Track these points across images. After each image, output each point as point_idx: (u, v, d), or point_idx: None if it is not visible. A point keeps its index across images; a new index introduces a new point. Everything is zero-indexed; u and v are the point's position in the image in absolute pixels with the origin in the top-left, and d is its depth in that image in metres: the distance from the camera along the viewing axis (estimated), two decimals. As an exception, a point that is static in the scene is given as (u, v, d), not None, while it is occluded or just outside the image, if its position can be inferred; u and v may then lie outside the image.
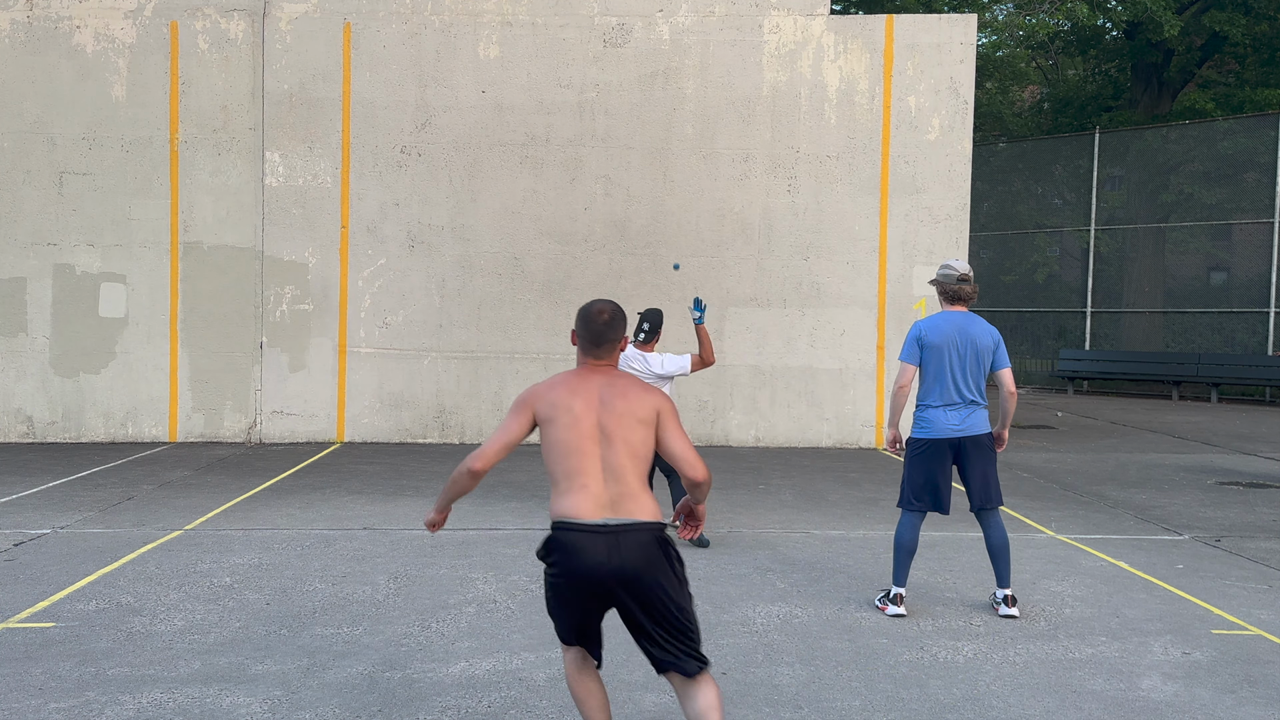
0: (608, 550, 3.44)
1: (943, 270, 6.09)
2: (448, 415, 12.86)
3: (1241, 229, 24.10)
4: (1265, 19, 22.60)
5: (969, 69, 12.80)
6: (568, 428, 3.53)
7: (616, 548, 3.44)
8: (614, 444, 3.51)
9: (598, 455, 3.51)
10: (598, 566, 3.44)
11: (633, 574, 3.46)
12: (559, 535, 3.50)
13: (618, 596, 3.51)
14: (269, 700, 4.55)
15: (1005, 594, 5.97)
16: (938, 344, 5.90)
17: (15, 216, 12.64)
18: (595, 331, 3.66)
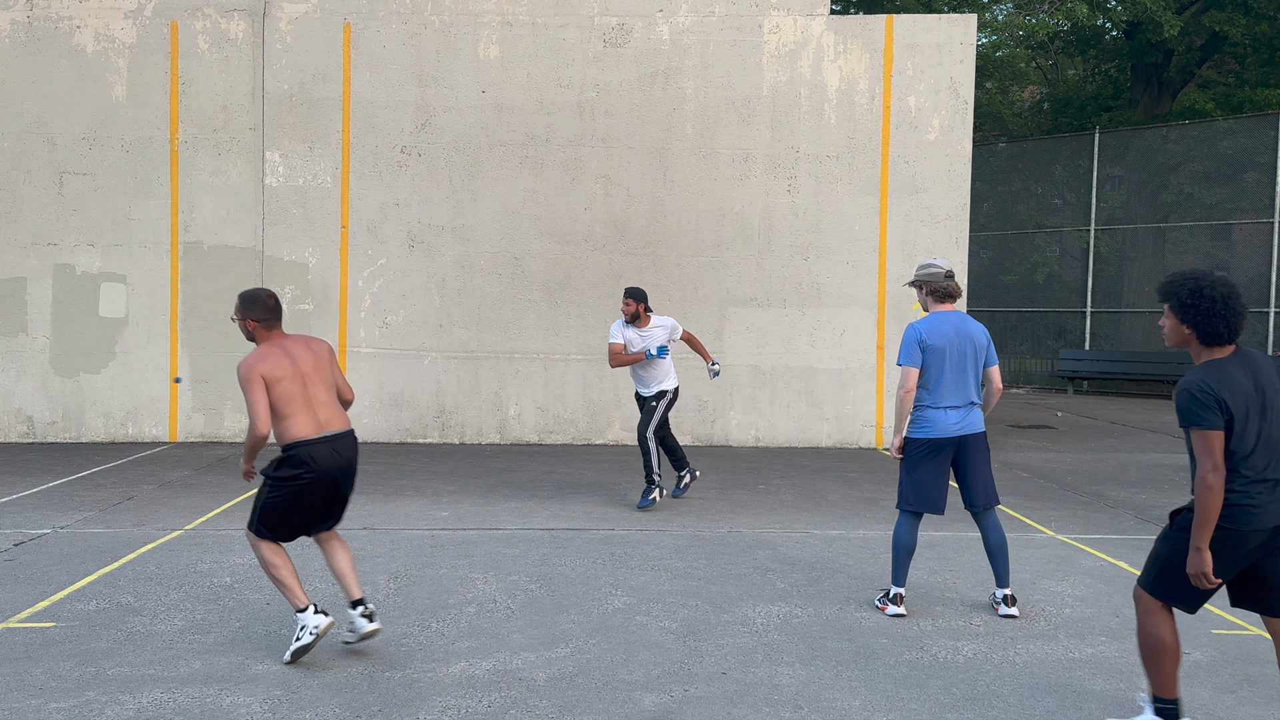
0: (334, 452, 5.09)
1: (928, 270, 6.03)
2: (448, 415, 12.86)
3: (1241, 229, 24.11)
4: (1265, 19, 22.59)
5: (969, 69, 12.80)
6: (290, 380, 5.04)
7: (339, 450, 5.11)
8: (316, 384, 5.11)
9: (309, 393, 5.08)
10: (333, 465, 5.08)
11: (351, 464, 5.19)
12: (299, 451, 5.07)
13: (340, 486, 5.15)
14: (269, 700, 4.56)
15: (1005, 594, 5.97)
16: (939, 346, 5.88)
17: (15, 216, 12.64)
18: (274, 309, 5.16)
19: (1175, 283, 4.04)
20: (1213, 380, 3.87)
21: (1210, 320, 3.94)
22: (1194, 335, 3.98)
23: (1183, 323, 4.00)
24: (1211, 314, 3.93)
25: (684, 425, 12.86)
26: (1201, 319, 3.95)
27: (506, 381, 12.86)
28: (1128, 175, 24.39)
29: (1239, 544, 3.89)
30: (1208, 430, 3.83)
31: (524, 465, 11.23)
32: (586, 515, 8.61)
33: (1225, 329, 3.94)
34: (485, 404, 12.89)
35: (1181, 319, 4.00)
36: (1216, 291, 3.94)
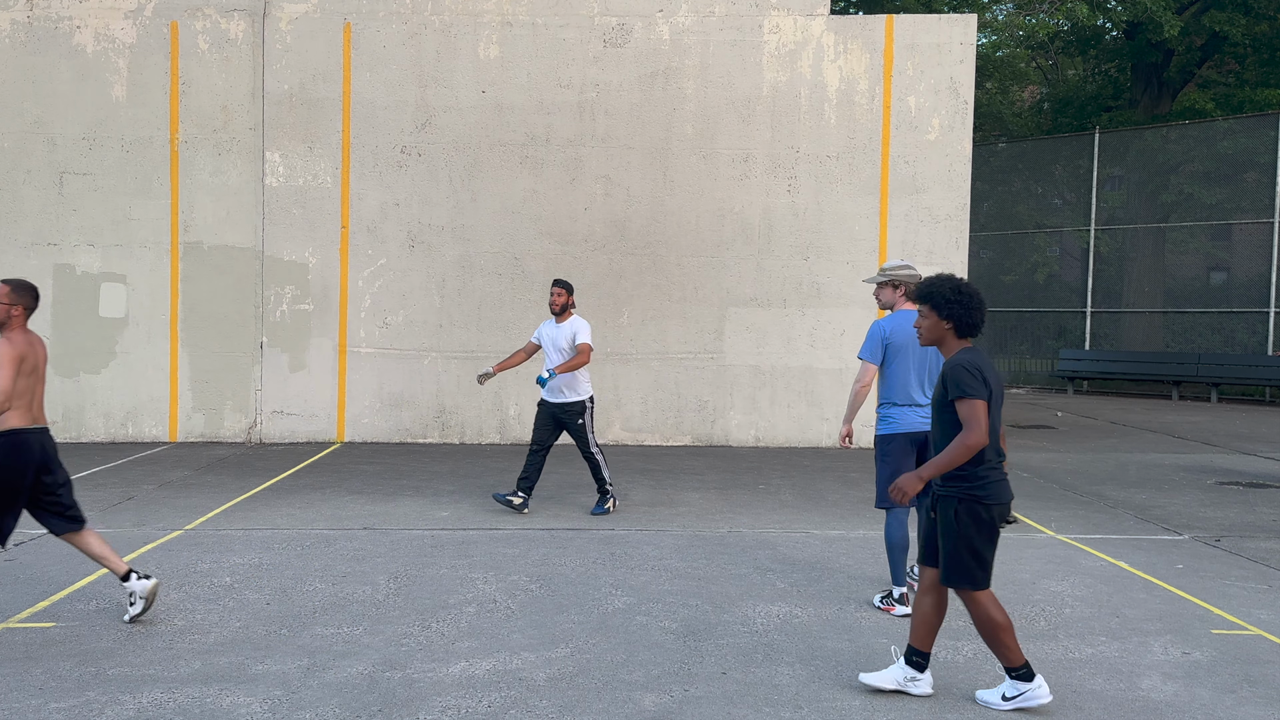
0: (42, 445, 5.43)
1: (909, 272, 6.24)
2: (448, 415, 12.86)
3: (1241, 229, 24.12)
4: (1265, 19, 22.60)
5: (969, 69, 12.80)
6: (34, 371, 5.43)
7: (45, 444, 5.46)
8: (39, 382, 5.48)
9: (35, 390, 5.46)
10: (40, 456, 5.42)
11: (55, 458, 5.52)
12: (13, 438, 5.32)
13: (43, 477, 5.47)
14: (269, 700, 4.56)
15: (903, 591, 5.98)
16: (903, 344, 6.03)
17: (15, 216, 12.64)
18: (37, 302, 5.62)
19: (934, 284, 4.56)
20: (979, 360, 4.44)
21: (970, 313, 4.48)
22: (953, 328, 4.52)
23: (943, 318, 4.51)
24: (970, 308, 4.48)
25: (684, 425, 12.86)
26: (963, 312, 4.48)
27: (506, 381, 12.85)
28: (1128, 175, 24.39)
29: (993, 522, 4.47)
30: (978, 400, 4.36)
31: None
32: (586, 515, 8.61)
33: (980, 321, 4.50)
34: (485, 404, 12.89)
35: (942, 315, 4.51)
36: (970, 289, 4.52)
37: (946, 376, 4.43)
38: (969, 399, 4.36)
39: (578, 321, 8.50)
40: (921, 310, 4.55)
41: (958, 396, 4.38)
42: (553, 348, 8.50)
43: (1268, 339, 20.05)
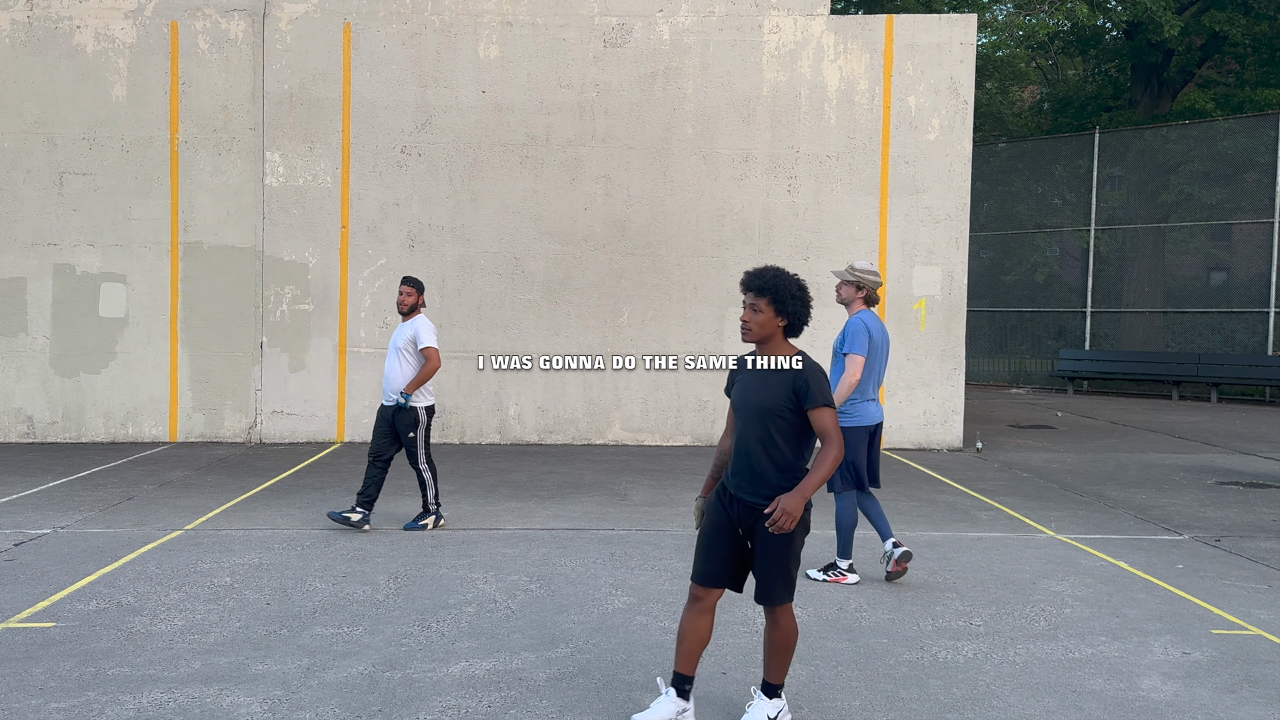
0: None
1: (871, 274, 6.62)
2: (448, 415, 12.86)
3: (1241, 229, 24.12)
4: (1265, 19, 22.60)
5: (969, 69, 12.80)
6: None
7: None
8: None
9: None
10: None
11: None
12: None
13: None
14: (269, 700, 4.56)
15: (850, 562, 6.64)
16: (879, 342, 6.54)
17: (15, 216, 12.64)
18: None
19: (778, 277, 4.15)
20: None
21: (806, 313, 4.20)
22: (785, 326, 4.18)
23: (780, 315, 4.14)
24: (808, 307, 4.21)
25: (684, 425, 12.86)
26: (802, 310, 4.17)
27: (506, 381, 12.86)
28: (1128, 175, 24.39)
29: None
30: (833, 408, 4.11)
31: (524, 465, 11.23)
32: (586, 515, 8.60)
33: (807, 321, 4.24)
34: (485, 404, 12.89)
35: (780, 311, 4.14)
36: (807, 288, 4.23)
37: (802, 382, 4.07)
38: (830, 408, 4.06)
39: (421, 322, 7.92)
40: (754, 303, 4.14)
41: (823, 404, 4.05)
42: (393, 347, 7.93)
43: (1268, 339, 20.04)
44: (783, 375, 4.11)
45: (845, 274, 6.68)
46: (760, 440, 4.09)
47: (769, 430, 4.08)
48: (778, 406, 4.07)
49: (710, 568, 4.17)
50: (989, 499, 9.53)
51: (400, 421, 7.84)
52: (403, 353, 7.87)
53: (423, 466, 7.86)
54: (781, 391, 4.09)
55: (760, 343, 4.19)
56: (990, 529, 8.27)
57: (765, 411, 4.08)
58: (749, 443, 4.11)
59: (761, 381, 4.15)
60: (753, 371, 4.22)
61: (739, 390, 4.24)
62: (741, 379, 4.26)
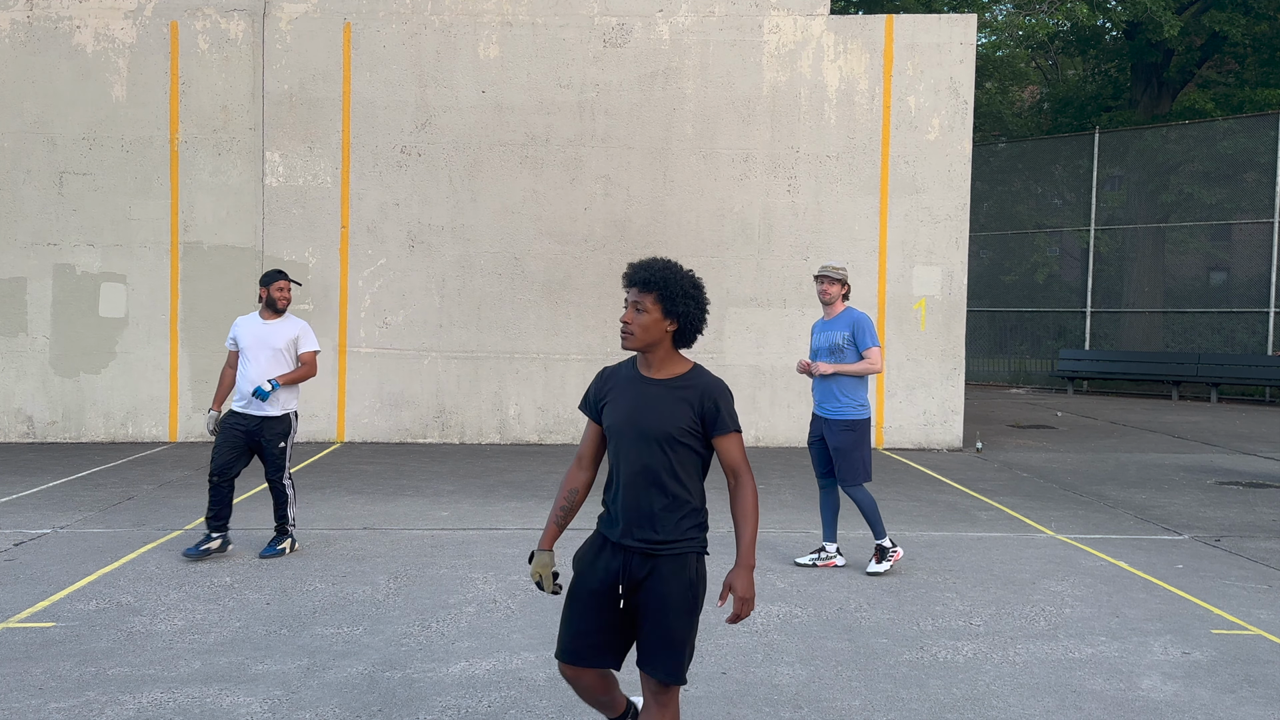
0: None
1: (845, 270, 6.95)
2: (448, 415, 12.86)
3: (1241, 229, 24.12)
4: (1265, 19, 22.61)
5: (969, 69, 12.80)
6: None
7: None
8: None
9: None
10: None
11: None
12: None
13: None
14: (269, 700, 4.56)
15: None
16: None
17: (15, 216, 12.64)
18: None
19: (665, 269, 3.30)
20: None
21: (701, 317, 3.32)
22: (674, 332, 3.31)
23: (668, 316, 3.28)
24: (703, 310, 3.33)
25: (684, 425, 12.85)
26: (696, 314, 3.31)
27: (506, 382, 12.86)
28: (1128, 175, 24.40)
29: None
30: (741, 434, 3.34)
31: (524, 465, 11.23)
32: (586, 515, 8.60)
33: (701, 329, 3.38)
34: (485, 404, 12.89)
35: (669, 311, 3.28)
36: (702, 288, 3.35)
37: (711, 403, 3.27)
38: (740, 433, 3.32)
39: (298, 322, 7.13)
40: (638, 301, 3.27)
41: (734, 430, 3.27)
42: (262, 347, 6.96)
43: (1268, 339, 20.05)
44: (684, 393, 3.27)
45: (831, 273, 6.83)
46: (655, 473, 3.26)
47: (669, 460, 3.26)
48: (680, 431, 3.25)
49: (582, 642, 3.32)
50: (989, 499, 9.53)
51: (269, 430, 6.95)
52: (282, 354, 6.99)
53: (286, 482, 7.07)
54: (683, 413, 3.26)
55: (643, 350, 3.32)
56: (990, 529, 8.27)
57: (665, 438, 3.24)
58: (638, 477, 3.27)
59: (654, 400, 3.28)
60: (637, 386, 3.34)
61: (620, 411, 3.33)
62: (619, 396, 3.36)
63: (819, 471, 6.99)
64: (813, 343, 7.02)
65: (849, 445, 6.75)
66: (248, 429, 6.94)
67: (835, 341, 6.79)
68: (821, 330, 6.95)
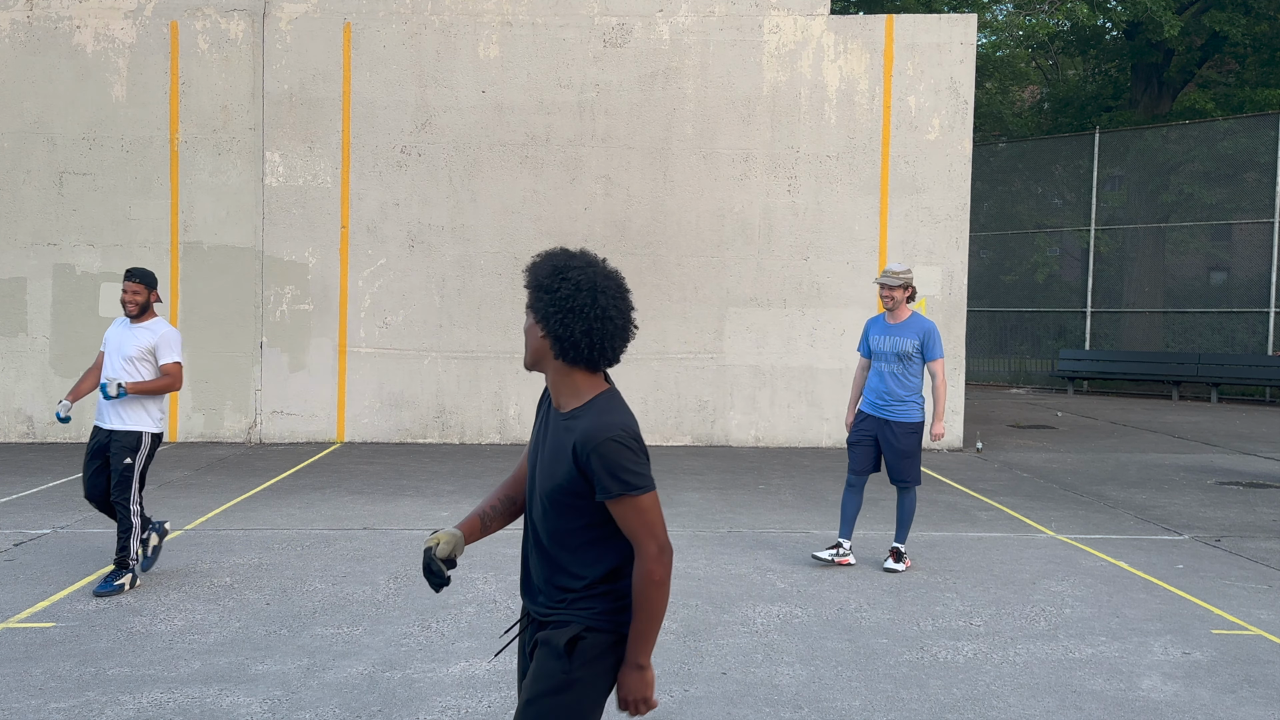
0: None
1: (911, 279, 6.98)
2: (448, 415, 12.86)
3: (1241, 229, 24.12)
4: (1265, 19, 22.60)
5: (969, 69, 12.80)
6: None
7: None
8: None
9: None
10: None
11: None
12: None
13: None
14: (269, 700, 4.55)
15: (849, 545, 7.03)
16: None
17: (15, 216, 12.64)
18: None
19: (547, 269, 2.54)
20: (631, 418, 2.54)
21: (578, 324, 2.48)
22: (554, 348, 2.51)
23: (540, 323, 2.51)
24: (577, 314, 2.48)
25: (684, 425, 12.86)
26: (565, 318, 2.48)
27: (506, 381, 12.85)
28: (1128, 175, 24.39)
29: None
30: (653, 491, 2.49)
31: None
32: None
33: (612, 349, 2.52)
34: (485, 404, 12.89)
35: (542, 322, 2.51)
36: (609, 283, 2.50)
37: (581, 455, 2.47)
38: (643, 493, 2.47)
39: (162, 328, 6.39)
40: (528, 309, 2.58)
41: (621, 494, 2.45)
42: (116, 353, 6.36)
43: (1268, 339, 20.04)
44: (568, 436, 2.51)
45: (893, 279, 6.83)
46: (539, 535, 2.63)
47: (552, 524, 2.58)
48: (557, 490, 2.54)
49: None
50: (989, 499, 9.53)
51: (116, 443, 6.23)
52: (135, 363, 6.30)
53: (134, 507, 6.21)
54: (562, 465, 2.52)
55: (535, 370, 2.60)
56: (990, 529, 8.27)
57: (546, 495, 2.57)
58: (531, 534, 2.67)
59: (550, 443, 2.59)
60: (547, 420, 2.65)
61: (531, 448, 2.71)
62: (536, 430, 2.70)
63: (857, 469, 6.90)
64: (872, 344, 6.95)
65: (913, 447, 6.81)
66: (99, 443, 6.33)
67: (904, 349, 6.79)
68: (886, 333, 6.89)
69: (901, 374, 6.82)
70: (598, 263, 2.55)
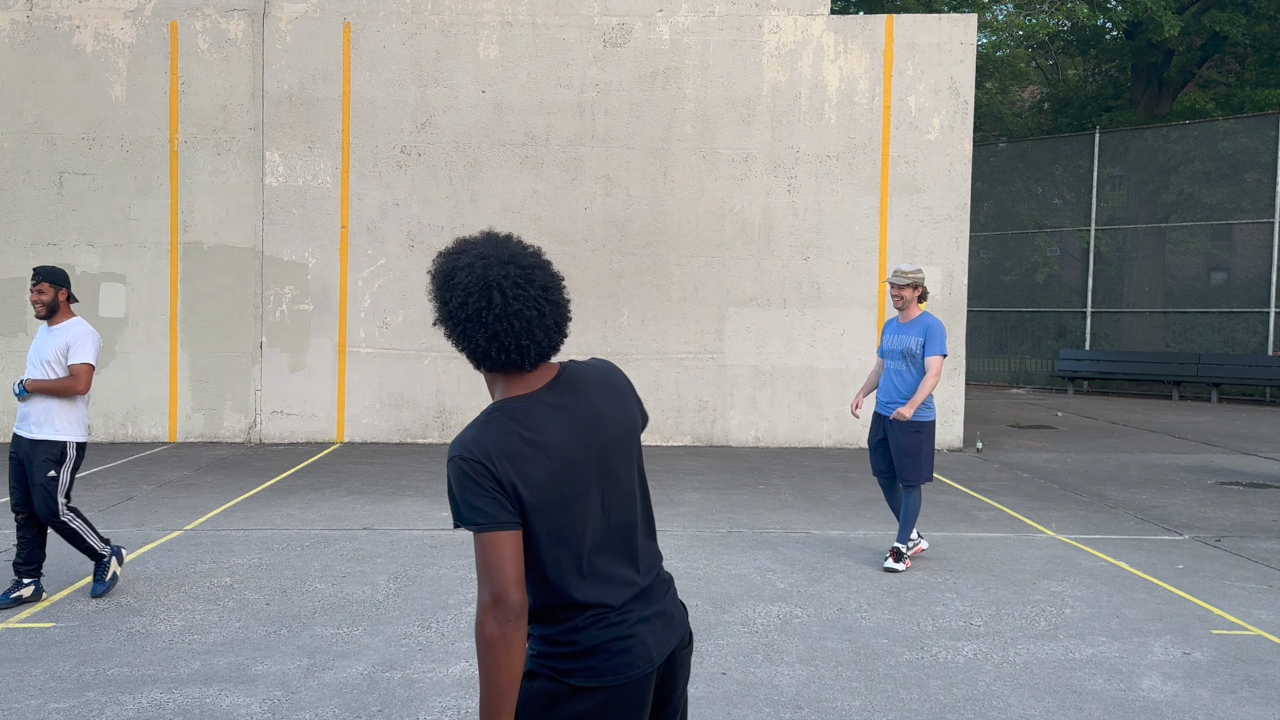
0: None
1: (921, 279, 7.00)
2: (448, 415, 12.86)
3: (1241, 229, 24.10)
4: (1265, 19, 22.60)
5: (969, 69, 12.79)
6: None
7: None
8: None
9: None
10: None
11: None
12: None
13: None
14: (269, 700, 4.55)
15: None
16: None
17: (15, 216, 12.64)
18: None
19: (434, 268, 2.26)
20: (491, 440, 2.13)
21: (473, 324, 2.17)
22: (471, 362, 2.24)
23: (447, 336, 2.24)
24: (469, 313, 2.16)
25: (684, 425, 12.86)
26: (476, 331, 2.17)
27: (506, 381, 12.84)
28: (1128, 175, 24.39)
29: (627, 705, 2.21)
30: (491, 531, 2.09)
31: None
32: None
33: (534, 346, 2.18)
34: (485, 404, 12.87)
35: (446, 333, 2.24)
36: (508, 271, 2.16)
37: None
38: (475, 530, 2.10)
39: (77, 328, 6.08)
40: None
41: (457, 525, 2.14)
42: (38, 361, 6.03)
43: (1268, 339, 20.04)
44: None
45: (902, 279, 6.84)
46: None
47: None
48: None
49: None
50: (989, 499, 9.53)
51: (37, 454, 5.89)
52: (52, 367, 6.01)
53: (67, 517, 5.91)
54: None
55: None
56: (990, 529, 8.27)
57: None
58: None
59: None
60: None
61: None
62: None
63: (878, 470, 7.00)
64: (884, 343, 7.04)
65: (914, 447, 6.80)
66: (18, 454, 5.97)
67: (908, 347, 6.84)
68: (895, 332, 6.97)
69: (906, 372, 6.86)
70: (496, 248, 2.20)
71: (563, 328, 2.24)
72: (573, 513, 2.18)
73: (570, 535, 2.18)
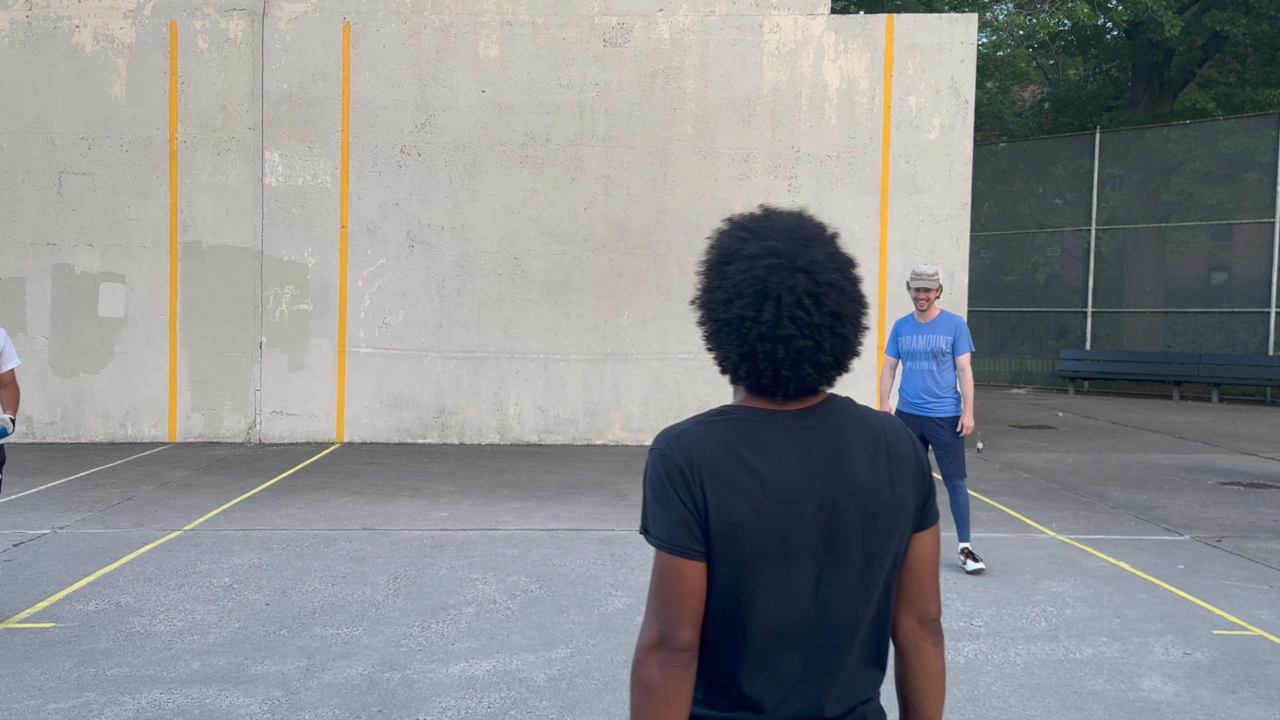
0: None
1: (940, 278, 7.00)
2: (447, 415, 12.85)
3: (1242, 229, 24.10)
4: (1266, 19, 22.59)
5: (969, 69, 12.78)
6: None
7: None
8: None
9: None
10: None
11: None
12: None
13: None
14: (269, 700, 4.55)
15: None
16: None
17: (15, 216, 12.63)
18: None
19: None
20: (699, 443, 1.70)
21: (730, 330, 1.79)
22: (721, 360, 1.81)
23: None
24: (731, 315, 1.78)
25: (684, 425, 12.84)
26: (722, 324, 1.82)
27: (506, 381, 12.85)
28: (1129, 175, 24.38)
29: None
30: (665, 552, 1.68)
31: (524, 465, 11.22)
32: (586, 515, 8.60)
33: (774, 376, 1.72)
34: (485, 404, 12.88)
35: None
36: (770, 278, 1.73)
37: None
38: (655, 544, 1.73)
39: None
40: None
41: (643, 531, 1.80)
42: None
43: (1269, 339, 20.03)
44: None
45: (928, 281, 6.83)
46: None
47: None
48: None
49: None
50: (990, 499, 9.52)
51: None
52: None
53: None
54: None
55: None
56: (990, 529, 8.27)
57: None
58: None
59: None
60: None
61: None
62: None
63: None
64: (903, 344, 7.02)
65: (956, 442, 6.89)
66: None
67: (938, 346, 6.87)
68: (918, 332, 6.94)
69: (937, 371, 6.91)
70: (794, 245, 1.75)
71: (842, 363, 1.73)
72: (771, 576, 1.66)
73: (757, 603, 1.66)
